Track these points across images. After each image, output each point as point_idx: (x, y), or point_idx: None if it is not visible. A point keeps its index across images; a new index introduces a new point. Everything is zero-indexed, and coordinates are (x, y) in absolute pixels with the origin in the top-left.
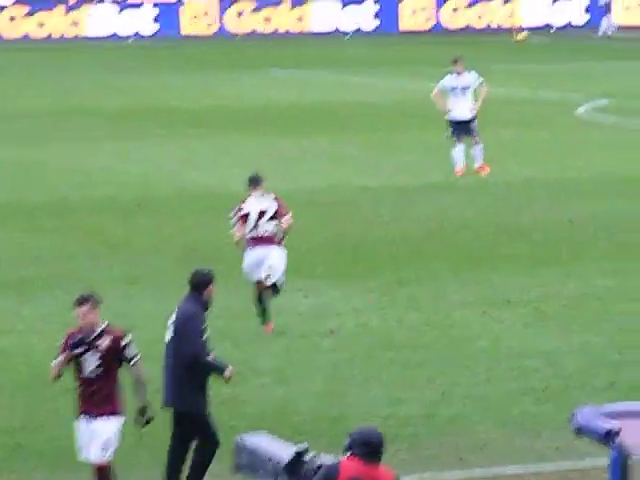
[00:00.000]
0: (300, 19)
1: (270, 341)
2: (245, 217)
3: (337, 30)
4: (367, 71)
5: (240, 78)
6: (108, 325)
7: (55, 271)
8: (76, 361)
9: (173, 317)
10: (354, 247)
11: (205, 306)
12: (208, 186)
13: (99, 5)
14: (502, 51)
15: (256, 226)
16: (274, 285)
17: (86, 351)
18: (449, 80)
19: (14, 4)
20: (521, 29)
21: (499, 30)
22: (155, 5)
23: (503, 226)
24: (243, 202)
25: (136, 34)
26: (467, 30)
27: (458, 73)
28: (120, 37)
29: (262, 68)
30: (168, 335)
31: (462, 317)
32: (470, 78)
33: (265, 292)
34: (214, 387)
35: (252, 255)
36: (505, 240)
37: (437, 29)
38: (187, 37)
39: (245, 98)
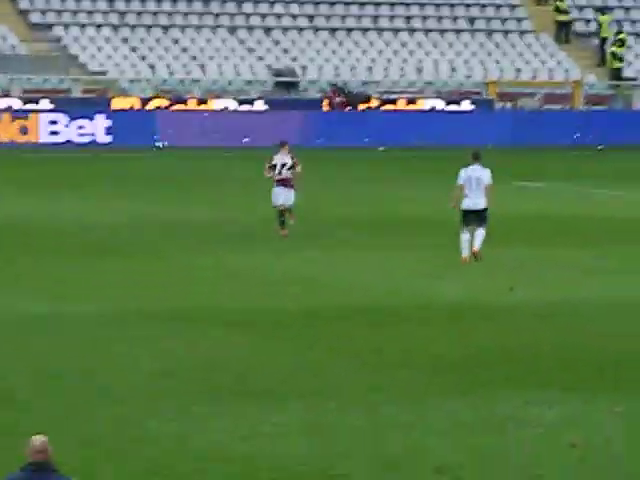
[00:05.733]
0: None
1: (512, 455)
2: (273, 167)
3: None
4: (612, 184)
5: None
6: None
7: (302, 380)
8: None
9: None
10: (599, 360)
11: None
12: (453, 296)
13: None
14: None
15: (280, 172)
16: (289, 209)
17: None
18: None
19: None
20: None
21: None
22: None
23: None
24: (272, 157)
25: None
26: None
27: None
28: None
29: (507, 180)
30: None
31: None
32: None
33: (284, 213)
34: None
35: (277, 190)
36: None
37: None
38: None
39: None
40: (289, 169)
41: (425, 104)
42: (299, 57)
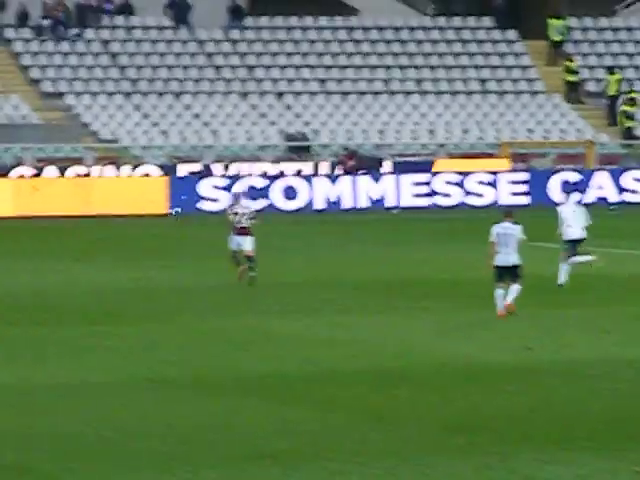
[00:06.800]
0: None
1: None
2: (235, 214)
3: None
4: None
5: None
6: None
7: (316, 443)
8: None
9: None
10: (619, 420)
11: None
12: (468, 356)
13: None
14: None
15: (239, 221)
16: (250, 258)
17: None
18: None
19: None
20: None
21: None
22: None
23: None
24: (233, 206)
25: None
26: None
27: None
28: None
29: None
30: None
31: None
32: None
33: (240, 256)
34: None
35: (234, 238)
36: None
37: None
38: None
39: None
40: (249, 218)
41: (439, 166)
42: (311, 121)
